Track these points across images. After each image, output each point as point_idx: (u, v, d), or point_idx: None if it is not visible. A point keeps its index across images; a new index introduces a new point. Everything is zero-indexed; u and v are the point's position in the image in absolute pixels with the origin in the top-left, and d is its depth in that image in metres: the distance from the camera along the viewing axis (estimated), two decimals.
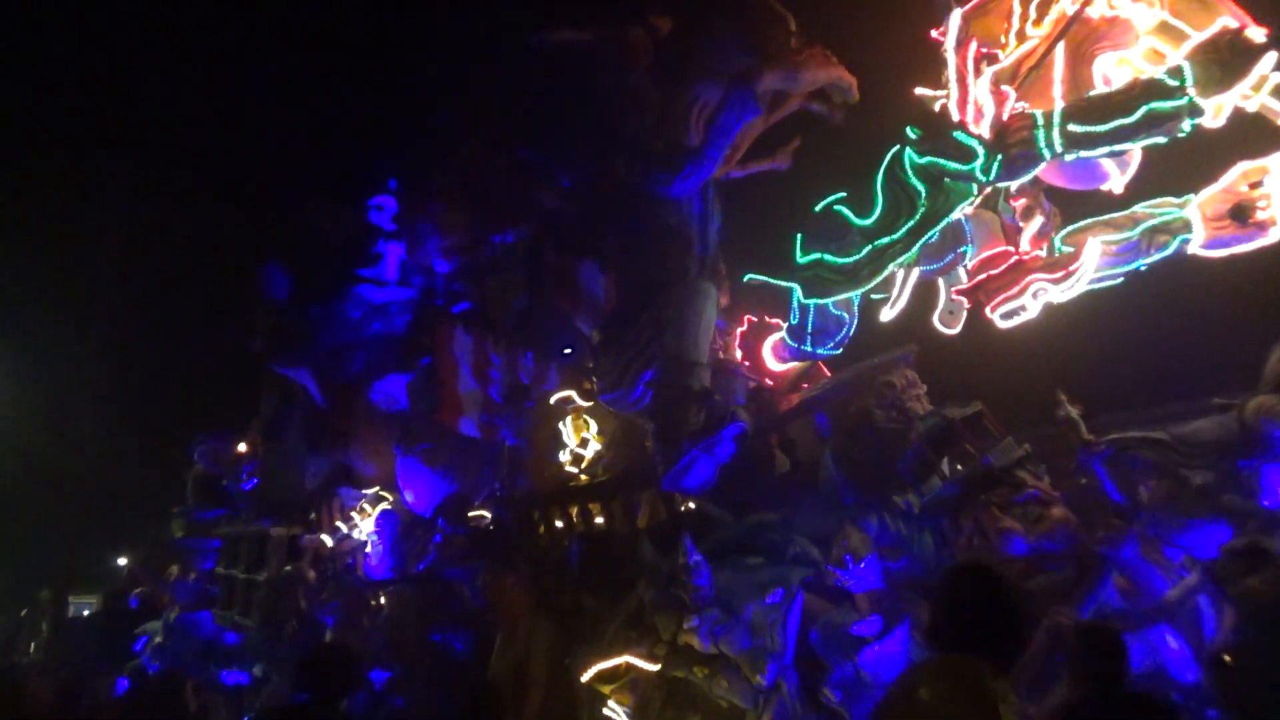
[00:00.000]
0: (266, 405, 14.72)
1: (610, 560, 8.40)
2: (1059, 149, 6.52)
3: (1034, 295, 7.20)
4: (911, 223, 7.13)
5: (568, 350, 10.68)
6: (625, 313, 8.53)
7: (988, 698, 2.46)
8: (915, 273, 7.71)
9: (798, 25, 8.14)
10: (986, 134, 6.74)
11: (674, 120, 8.45)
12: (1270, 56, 6.25)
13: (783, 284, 7.96)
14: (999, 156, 6.66)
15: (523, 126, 11.39)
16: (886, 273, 7.42)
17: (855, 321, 8.23)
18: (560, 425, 10.57)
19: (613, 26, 9.21)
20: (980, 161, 6.74)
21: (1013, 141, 6.62)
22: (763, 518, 7.76)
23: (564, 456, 10.42)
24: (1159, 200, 7.10)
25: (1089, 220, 7.31)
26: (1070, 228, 7.35)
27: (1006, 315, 7.36)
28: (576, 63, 9.62)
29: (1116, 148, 6.51)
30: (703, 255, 8.39)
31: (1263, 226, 6.57)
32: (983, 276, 7.57)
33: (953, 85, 7.08)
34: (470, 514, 10.83)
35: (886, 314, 7.84)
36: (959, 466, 7.03)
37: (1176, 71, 6.33)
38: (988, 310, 7.45)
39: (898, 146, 7.31)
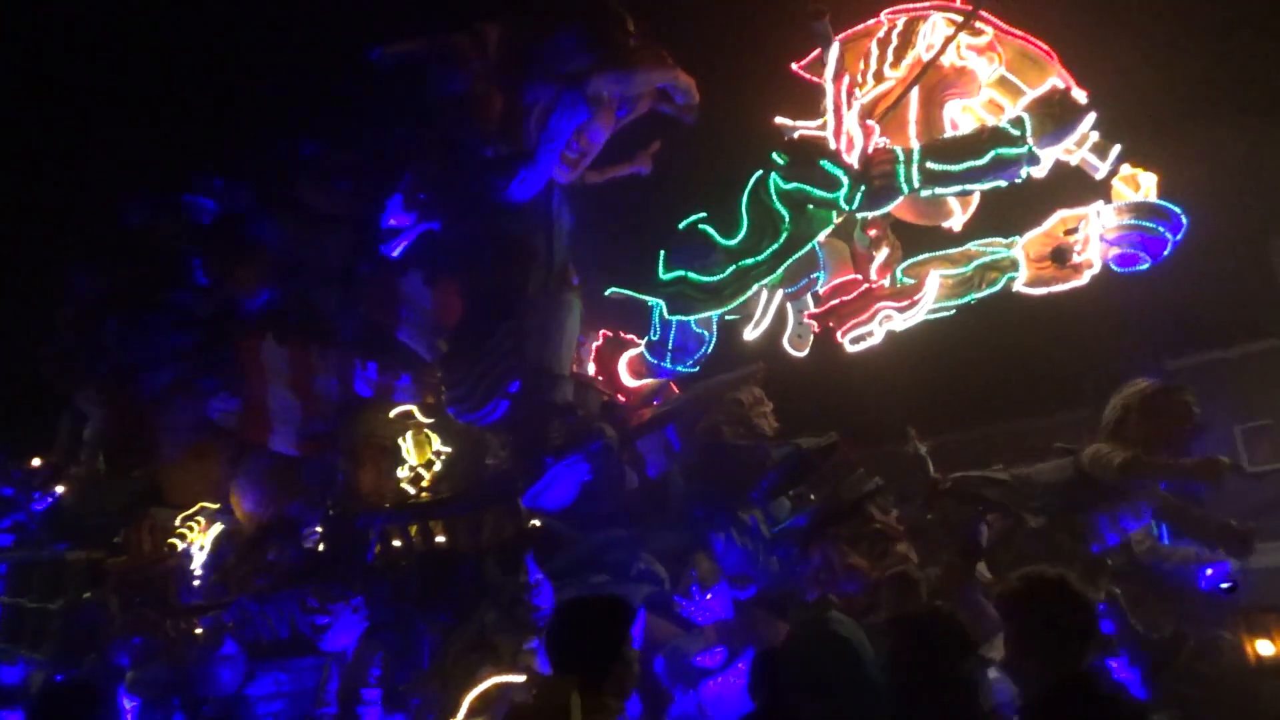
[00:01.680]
0: (65, 418, 13.44)
1: (451, 581, 8.06)
2: (916, 184, 6.91)
3: (880, 322, 7.70)
4: (775, 246, 7.27)
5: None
6: (476, 323, 8.20)
7: (564, 711, 2.98)
8: (779, 294, 7.88)
9: (640, 27, 8.06)
10: (855, 164, 6.99)
11: (513, 125, 8.24)
12: (1090, 116, 6.97)
13: (647, 299, 7.96)
14: (863, 187, 6.95)
15: (358, 134, 11.02)
16: (750, 293, 7.53)
17: (714, 339, 8.30)
18: (400, 440, 10.12)
19: (439, 36, 9.03)
20: (845, 191, 6.99)
21: (876, 174, 6.93)
22: (611, 535, 7.66)
23: (403, 473, 9.97)
24: (989, 240, 7.80)
25: (928, 255, 7.92)
26: (911, 260, 7.88)
27: (855, 340, 7.81)
28: (412, 75, 9.50)
29: (968, 187, 7.02)
30: (549, 264, 8.18)
31: (1078, 269, 7.40)
32: (835, 302, 7.97)
33: (830, 115, 7.28)
34: (302, 533, 10.21)
35: (750, 334, 7.94)
36: (811, 495, 7.23)
37: (1018, 122, 6.95)
38: (838, 335, 7.86)
39: (761, 171, 7.44)
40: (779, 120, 7.89)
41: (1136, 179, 7.39)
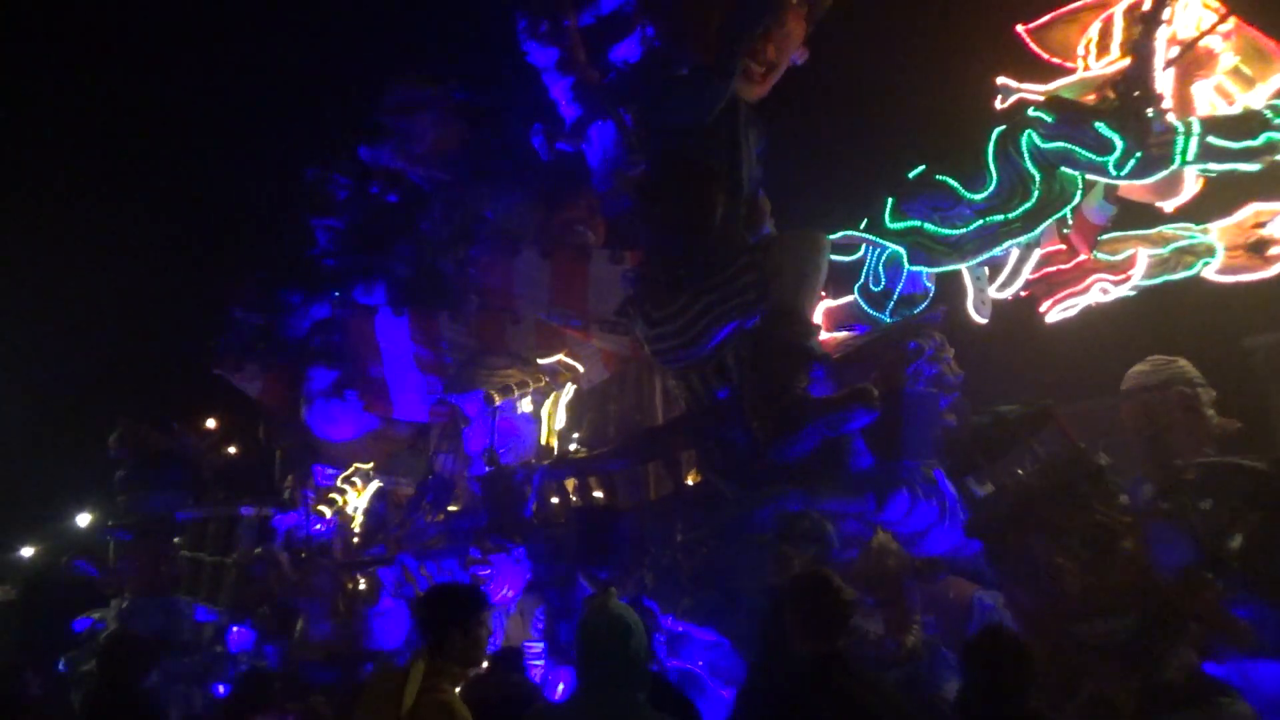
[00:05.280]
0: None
1: (611, 537, 7.81)
2: (1192, 158, 6.80)
3: (1095, 293, 7.73)
4: (1029, 205, 7.08)
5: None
6: (676, 255, 7.69)
7: (405, 674, 3.73)
8: (1036, 253, 7.70)
9: None
10: (1160, 120, 6.82)
11: (694, 40, 7.74)
12: None
13: (879, 245, 7.65)
14: (1138, 154, 6.74)
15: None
16: (997, 250, 7.33)
17: (935, 291, 7.96)
18: (538, 395, 10.03)
19: None
20: (1117, 155, 6.76)
21: (1156, 142, 6.74)
22: (774, 491, 7.17)
23: (543, 429, 9.87)
24: (1182, 225, 7.84)
25: (1126, 233, 7.93)
26: (1109, 235, 7.86)
27: (1065, 309, 7.87)
28: None
29: (1239, 166, 6.94)
30: (737, 192, 7.67)
31: (1270, 260, 7.47)
32: (1050, 269, 7.89)
33: (1148, 63, 7.03)
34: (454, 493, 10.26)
35: (996, 292, 7.80)
36: (1019, 471, 6.67)
37: (1277, 109, 6.92)
38: (1044, 304, 7.89)
39: (1005, 127, 7.21)
40: (1002, 80, 7.79)
41: None
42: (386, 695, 3.70)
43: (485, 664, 5.37)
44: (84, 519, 20.91)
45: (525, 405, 10.55)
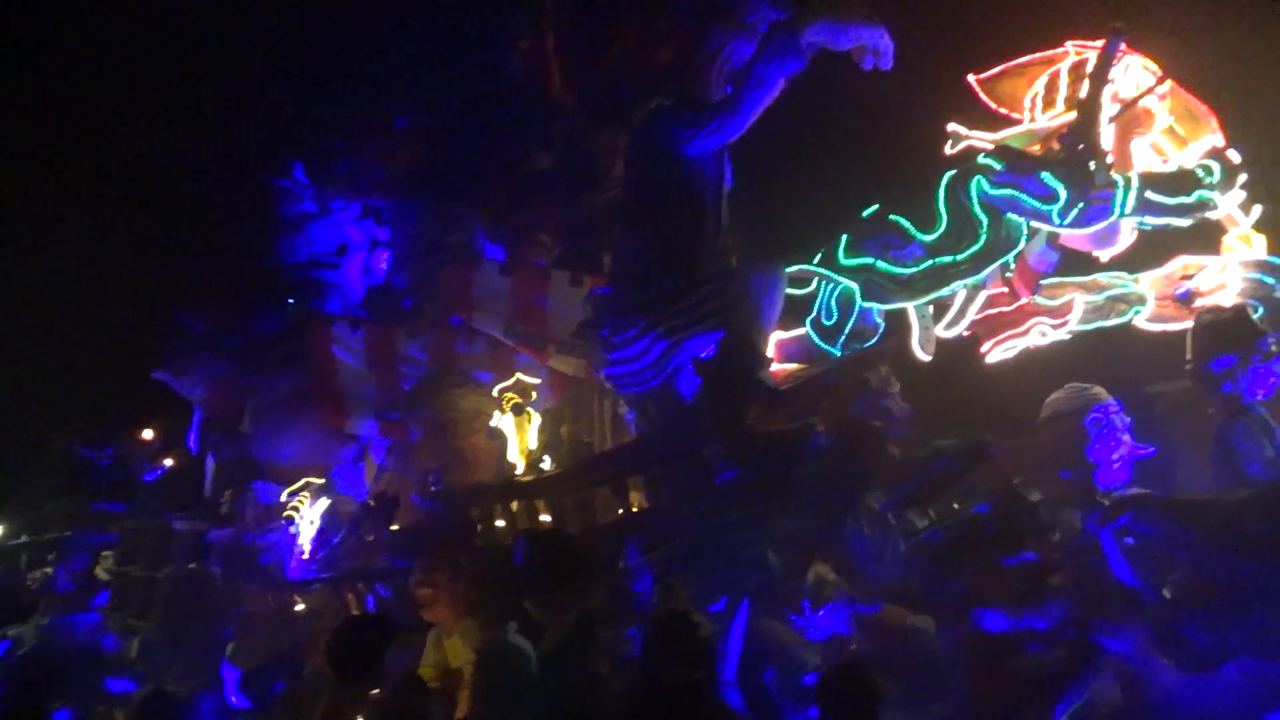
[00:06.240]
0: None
1: (558, 562, 7.76)
2: (1129, 210, 7.10)
3: (1033, 336, 8.13)
4: (976, 248, 7.28)
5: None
6: (645, 281, 7.72)
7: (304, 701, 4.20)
8: (982, 295, 7.89)
9: None
10: (1101, 174, 7.09)
11: (693, 73, 7.89)
12: (1243, 176, 7.51)
13: (843, 282, 7.78)
14: (1080, 204, 7.00)
15: None
16: (945, 291, 7.52)
17: (884, 328, 8.11)
18: (498, 415, 9.94)
19: None
20: (1060, 205, 7.02)
21: (1096, 194, 7.01)
22: (727, 518, 7.24)
23: (504, 449, 9.77)
24: (1115, 274, 8.22)
25: (1065, 279, 8.25)
26: (1048, 280, 8.16)
27: (1005, 350, 8.23)
28: None
29: (1171, 221, 7.29)
30: (718, 228, 7.82)
31: (1194, 311, 7.61)
32: (993, 311, 8.18)
33: (1092, 118, 7.32)
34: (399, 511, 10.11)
35: (943, 331, 7.97)
36: (954, 505, 6.93)
37: (1209, 169, 7.33)
38: (986, 344, 8.23)
39: (955, 172, 7.43)
40: (952, 127, 8.05)
41: (1250, 238, 7.82)
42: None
43: (392, 690, 5.37)
44: None
45: (490, 424, 10.46)
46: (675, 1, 8.30)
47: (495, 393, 9.97)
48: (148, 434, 13.88)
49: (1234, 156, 7.60)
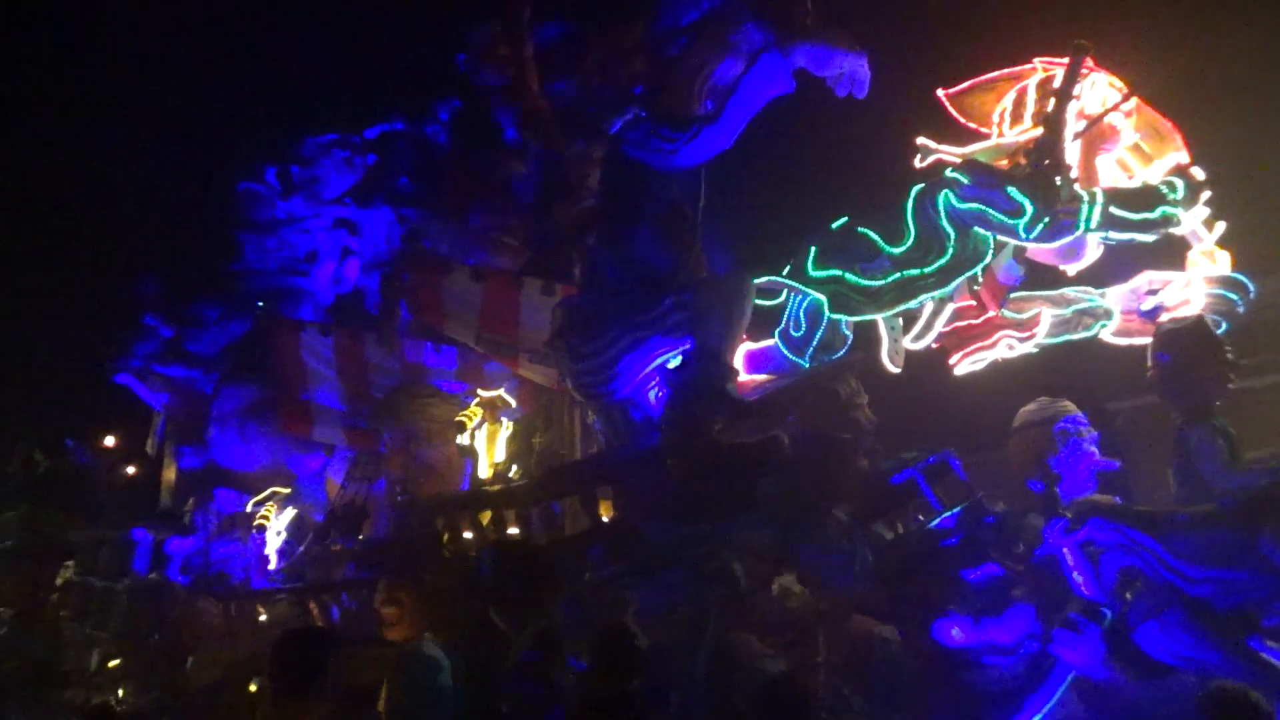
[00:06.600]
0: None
1: (525, 573, 7.68)
2: (1094, 226, 7.15)
3: (1001, 348, 8.12)
4: (943, 261, 7.32)
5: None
6: (615, 291, 7.73)
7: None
8: (949, 308, 7.90)
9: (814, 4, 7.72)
10: (1067, 189, 7.17)
11: (672, 87, 7.90)
12: (1207, 193, 7.60)
13: (800, 293, 7.78)
14: (1046, 219, 7.04)
15: None
16: (913, 304, 7.53)
17: (852, 340, 8.10)
18: (468, 425, 9.87)
19: None
20: (1026, 220, 7.06)
21: (1063, 209, 7.07)
22: (694, 529, 7.20)
23: (472, 459, 9.71)
24: (1082, 288, 8.27)
25: (1032, 293, 8.29)
26: (1016, 295, 8.20)
27: (974, 362, 8.22)
28: None
29: (1136, 236, 7.36)
30: (694, 240, 7.81)
31: (1159, 325, 7.71)
32: (960, 324, 8.18)
33: (1058, 134, 7.38)
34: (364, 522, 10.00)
35: (911, 343, 7.96)
36: (920, 517, 6.88)
37: (1173, 185, 7.39)
38: (954, 356, 8.22)
39: (923, 185, 7.46)
40: (921, 140, 8.04)
41: (1214, 254, 7.88)
42: None
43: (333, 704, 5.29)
44: None
45: (460, 437, 10.40)
46: (659, 20, 8.27)
47: (468, 404, 9.92)
48: (110, 441, 13.62)
49: (1198, 173, 7.66)
